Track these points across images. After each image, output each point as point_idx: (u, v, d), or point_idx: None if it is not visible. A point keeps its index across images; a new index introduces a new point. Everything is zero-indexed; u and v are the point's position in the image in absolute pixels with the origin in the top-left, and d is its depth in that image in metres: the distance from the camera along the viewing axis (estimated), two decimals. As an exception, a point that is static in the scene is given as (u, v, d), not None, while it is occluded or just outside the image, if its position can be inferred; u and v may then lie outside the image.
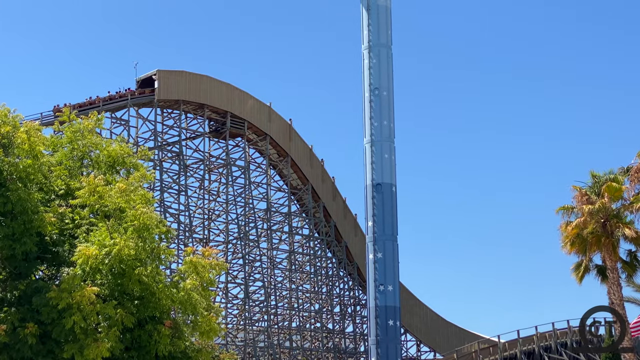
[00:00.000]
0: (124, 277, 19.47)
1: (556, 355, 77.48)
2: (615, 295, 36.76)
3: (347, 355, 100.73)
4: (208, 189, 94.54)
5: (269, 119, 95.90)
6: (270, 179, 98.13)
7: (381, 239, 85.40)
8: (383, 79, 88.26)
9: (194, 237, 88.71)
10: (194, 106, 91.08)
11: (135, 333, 19.84)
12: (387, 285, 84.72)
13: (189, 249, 21.26)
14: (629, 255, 37.51)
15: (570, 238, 36.40)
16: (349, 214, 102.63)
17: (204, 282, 20.55)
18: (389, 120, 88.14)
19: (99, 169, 21.90)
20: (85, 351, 18.92)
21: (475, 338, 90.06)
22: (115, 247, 18.97)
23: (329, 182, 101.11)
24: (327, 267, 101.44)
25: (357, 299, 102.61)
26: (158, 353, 19.80)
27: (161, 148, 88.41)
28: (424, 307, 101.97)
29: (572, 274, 37.84)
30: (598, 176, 37.56)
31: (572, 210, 37.33)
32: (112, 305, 19.16)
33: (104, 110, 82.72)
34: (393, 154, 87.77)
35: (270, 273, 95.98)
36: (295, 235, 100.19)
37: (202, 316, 20.48)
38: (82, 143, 22.01)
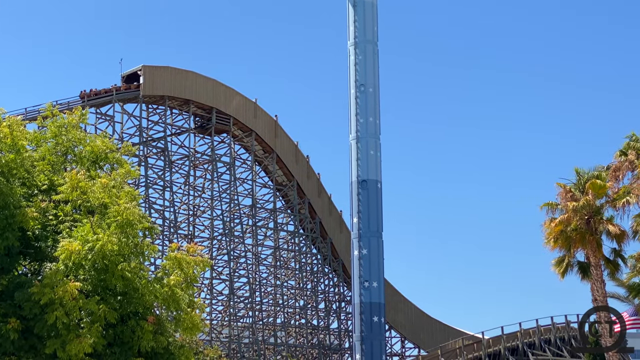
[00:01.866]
0: (106, 272, 19.38)
1: (540, 351, 77.82)
2: (599, 292, 36.90)
3: (332, 352, 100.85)
4: (193, 185, 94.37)
5: (255, 115, 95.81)
6: (256, 175, 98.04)
7: (366, 236, 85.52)
8: (369, 75, 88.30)
9: (179, 233, 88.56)
10: (180, 102, 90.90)
11: (118, 329, 19.74)
12: (372, 281, 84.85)
13: (173, 245, 21.16)
14: (612, 253, 37.65)
15: (554, 234, 36.49)
16: (334, 210, 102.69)
17: (187, 278, 20.46)
18: (375, 117, 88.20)
19: (82, 165, 21.77)
20: (67, 347, 18.81)
21: (459, 334, 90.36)
22: (98, 243, 18.87)
23: (315, 178, 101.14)
24: (312, 264, 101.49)
25: (342, 296, 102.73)
26: (141, 349, 19.70)
27: (146, 144, 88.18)
28: (408, 304, 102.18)
29: (553, 268, 37.90)
30: (582, 173, 37.65)
31: (556, 206, 37.42)
32: (94, 301, 19.05)
33: (89, 106, 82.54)
34: (379, 151, 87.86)
35: (255, 269, 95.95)
36: (281, 232, 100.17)
37: (186, 312, 20.40)
38: (66, 138, 21.89)
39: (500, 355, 76.37)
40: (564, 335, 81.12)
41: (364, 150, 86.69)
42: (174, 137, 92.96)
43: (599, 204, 36.62)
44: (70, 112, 22.79)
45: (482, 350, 75.61)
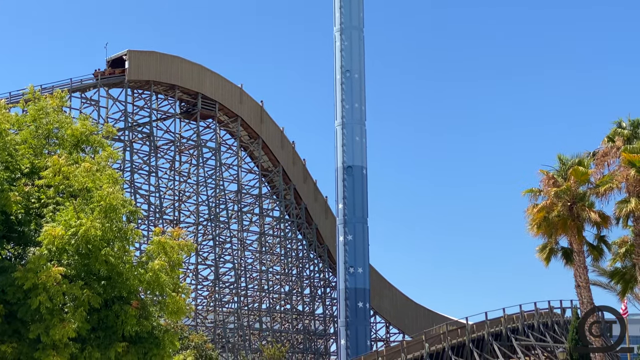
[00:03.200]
0: (90, 257, 19.33)
1: (523, 336, 78.21)
2: (582, 278, 37.15)
3: (317, 337, 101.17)
4: (179, 170, 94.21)
5: (240, 100, 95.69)
6: (241, 161, 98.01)
7: (351, 222, 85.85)
8: (354, 61, 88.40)
9: (164, 219, 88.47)
10: (165, 87, 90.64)
11: (102, 313, 19.72)
12: (357, 267, 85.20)
13: (157, 229, 21.14)
14: (596, 239, 37.87)
15: (537, 221, 36.65)
16: (320, 196, 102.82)
17: (171, 262, 20.46)
18: (360, 103, 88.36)
19: (64, 148, 21.68)
20: (51, 331, 18.79)
21: (443, 320, 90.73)
22: (81, 228, 18.83)
23: (300, 164, 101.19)
24: (298, 249, 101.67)
25: (327, 281, 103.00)
26: (125, 333, 19.68)
27: (131, 129, 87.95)
28: (393, 290, 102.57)
29: (537, 255, 38.12)
30: (565, 160, 37.78)
31: (539, 193, 37.57)
32: (78, 286, 19.01)
33: (74, 90, 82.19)
34: (364, 137, 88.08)
35: (241, 255, 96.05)
36: (266, 217, 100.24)
37: (170, 296, 20.40)
38: (46, 121, 21.79)
39: (484, 341, 76.71)
40: (547, 321, 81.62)
41: (350, 137, 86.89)
42: (160, 122, 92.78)
43: (582, 191, 36.77)
44: (50, 96, 22.68)
45: (466, 335, 75.89)
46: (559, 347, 72.98)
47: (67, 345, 18.89)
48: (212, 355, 44.89)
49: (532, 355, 78.84)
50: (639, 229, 35.89)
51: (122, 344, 19.37)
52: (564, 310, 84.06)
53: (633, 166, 34.42)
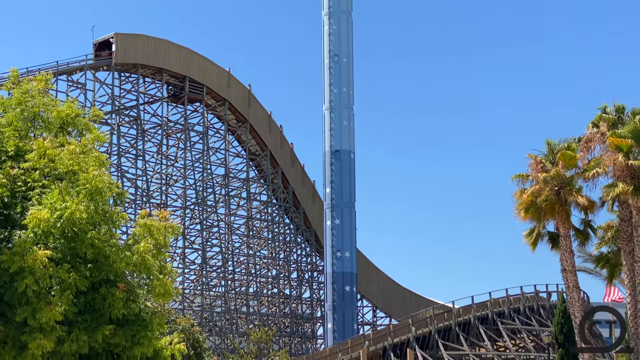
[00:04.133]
0: (76, 240, 19.27)
1: (509, 320, 78.62)
2: (568, 262, 37.32)
3: (304, 321, 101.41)
4: (166, 154, 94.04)
5: (228, 84, 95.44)
6: (229, 145, 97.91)
7: (339, 206, 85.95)
8: (343, 45, 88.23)
9: (151, 202, 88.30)
10: (152, 70, 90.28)
11: (89, 296, 19.68)
12: (344, 251, 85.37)
13: (143, 211, 21.08)
14: (582, 224, 38.03)
15: (524, 205, 36.77)
16: (307, 180, 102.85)
17: (158, 244, 20.42)
18: (349, 87, 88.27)
19: (50, 131, 21.57)
20: (38, 314, 18.75)
21: (430, 304, 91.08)
22: (67, 211, 18.75)
23: (288, 148, 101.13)
24: (285, 233, 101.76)
25: (314, 265, 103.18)
26: (112, 316, 19.67)
27: (119, 112, 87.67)
28: (380, 274, 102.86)
29: (524, 239, 38.26)
30: (553, 144, 37.87)
31: (527, 178, 37.67)
32: (65, 269, 18.96)
33: (60, 73, 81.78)
34: (352, 121, 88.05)
35: (228, 239, 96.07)
36: (253, 201, 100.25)
37: (157, 279, 20.38)
38: (32, 104, 21.66)
39: (470, 324, 77.07)
40: (532, 305, 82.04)
41: (338, 121, 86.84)
42: (147, 106, 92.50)
43: (569, 175, 36.88)
44: (35, 78, 22.55)
45: (453, 319, 76.23)
46: (544, 331, 73.38)
47: (54, 328, 18.86)
48: (200, 339, 44.88)
49: (518, 338, 79.33)
50: (624, 214, 36.07)
51: (109, 327, 19.35)
52: (550, 295, 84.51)
53: (620, 151, 34.54)
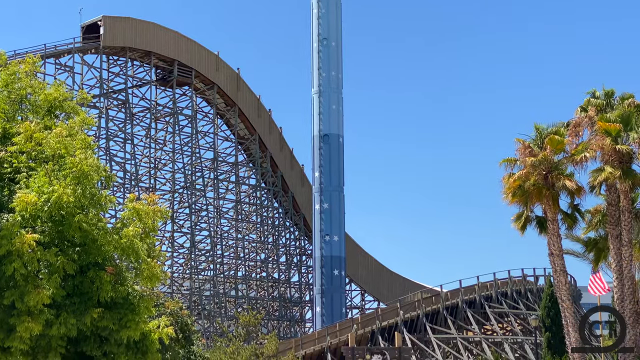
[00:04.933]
0: (63, 224, 19.23)
1: (496, 304, 79.02)
2: (555, 246, 37.45)
3: (293, 304, 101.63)
4: (154, 137, 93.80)
5: (217, 68, 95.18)
6: (218, 129, 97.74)
7: (328, 190, 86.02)
8: (332, 29, 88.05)
9: (140, 186, 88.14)
10: (141, 54, 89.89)
11: (77, 280, 19.65)
12: (333, 235, 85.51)
13: (132, 195, 21.02)
14: (570, 207, 38.14)
15: (512, 189, 36.83)
16: (296, 164, 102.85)
17: (146, 228, 20.39)
18: (337, 71, 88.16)
19: (38, 114, 21.46)
20: (25, 298, 18.73)
21: (418, 288, 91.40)
22: (54, 195, 18.69)
23: (276, 132, 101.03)
24: (274, 217, 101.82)
25: (303, 249, 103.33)
26: (100, 299, 19.65)
27: (107, 95, 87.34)
28: (369, 258, 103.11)
29: (512, 224, 38.37)
30: (542, 129, 37.90)
31: (515, 162, 37.73)
32: (53, 252, 18.91)
33: (48, 56, 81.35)
34: (341, 105, 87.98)
35: (217, 222, 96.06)
36: (242, 185, 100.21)
37: (145, 262, 20.35)
38: (19, 86, 21.53)
39: (458, 308, 77.43)
40: (520, 289, 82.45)
41: (326, 105, 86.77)
42: (135, 89, 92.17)
43: (557, 160, 36.96)
44: (22, 61, 22.41)
45: (441, 303, 76.58)
46: (531, 315, 73.92)
47: (42, 312, 18.85)
48: (188, 322, 44.88)
49: (506, 322, 79.79)
50: (612, 198, 36.20)
51: (97, 310, 19.34)
52: (537, 278, 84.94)
53: (609, 135, 34.63)
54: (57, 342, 19.91)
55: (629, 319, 35.31)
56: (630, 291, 35.65)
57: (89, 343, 20.44)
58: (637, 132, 34.62)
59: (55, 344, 19.97)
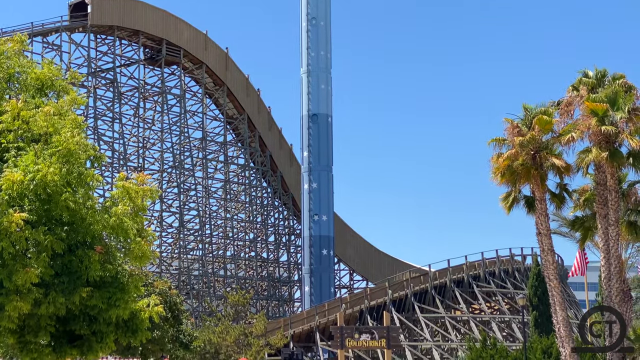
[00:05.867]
0: (51, 203, 19.14)
1: (484, 283, 79.46)
2: (543, 225, 37.53)
3: (281, 284, 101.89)
4: (143, 117, 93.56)
5: (205, 47, 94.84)
6: (206, 108, 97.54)
7: (316, 169, 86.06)
8: (320, 8, 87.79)
9: (128, 165, 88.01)
10: (129, 32, 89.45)
11: (65, 259, 19.55)
12: (322, 215, 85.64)
13: (122, 174, 20.95)
14: (558, 187, 38.21)
15: (500, 169, 36.81)
16: (285, 144, 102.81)
17: (136, 207, 20.32)
18: (326, 51, 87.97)
19: (27, 92, 21.31)
20: (14, 277, 18.65)
21: (406, 267, 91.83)
22: (39, 173, 18.58)
23: (265, 112, 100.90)
24: (262, 197, 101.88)
25: (292, 229, 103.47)
26: (89, 278, 19.58)
27: (95, 74, 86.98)
28: (357, 237, 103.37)
29: (500, 203, 38.41)
30: (530, 109, 37.86)
31: (503, 142, 37.70)
32: (41, 231, 18.83)
33: (35, 35, 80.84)
34: (329, 85, 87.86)
35: (205, 202, 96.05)
36: (231, 165, 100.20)
37: (134, 241, 20.30)
38: (7, 65, 21.37)
39: (446, 288, 77.86)
40: (508, 268, 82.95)
41: (315, 84, 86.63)
42: (123, 69, 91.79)
43: (545, 140, 36.96)
44: (11, 39, 22.23)
45: (429, 282, 76.96)
46: (519, 294, 74.37)
47: (30, 291, 18.78)
48: (177, 302, 45.00)
49: (493, 301, 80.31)
50: (599, 178, 36.28)
51: (86, 289, 19.30)
52: (525, 258, 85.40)
53: (595, 115, 34.65)
54: (46, 322, 19.90)
55: (615, 297, 35.54)
56: (616, 270, 35.83)
57: (78, 322, 20.44)
58: (623, 112, 34.64)
59: (44, 323, 19.96)
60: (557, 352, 41.58)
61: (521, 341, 61.15)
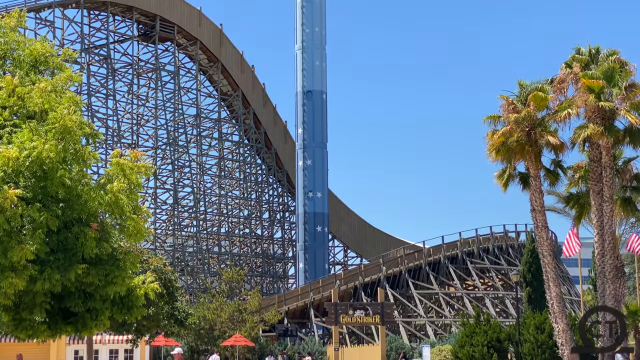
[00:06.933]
0: (46, 179, 19.05)
1: (478, 259, 79.73)
2: (537, 202, 37.58)
3: (276, 261, 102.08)
4: (137, 93, 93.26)
5: (199, 23, 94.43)
6: (200, 85, 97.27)
7: (311, 146, 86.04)
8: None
9: (122, 142, 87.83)
10: (122, 8, 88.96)
11: (61, 235, 19.49)
12: (316, 192, 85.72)
13: (116, 151, 20.86)
14: (552, 164, 38.23)
15: (495, 146, 36.80)
16: (279, 121, 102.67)
17: (131, 184, 20.24)
18: (321, 27, 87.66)
19: (22, 69, 21.13)
20: (9, 253, 18.58)
21: (401, 244, 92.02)
22: (35, 150, 18.49)
23: (260, 88, 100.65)
24: (257, 174, 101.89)
25: (286, 206, 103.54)
26: (85, 255, 19.54)
27: (88, 51, 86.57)
28: (351, 214, 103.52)
29: (495, 180, 38.44)
30: (525, 85, 37.80)
31: (498, 119, 37.66)
32: (36, 208, 18.75)
33: (28, 10, 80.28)
34: (324, 61, 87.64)
35: (200, 179, 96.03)
36: (225, 142, 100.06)
37: (130, 218, 20.24)
38: (3, 41, 21.19)
39: (440, 264, 78.11)
40: (501, 244, 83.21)
41: (310, 61, 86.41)
42: (117, 45, 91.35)
43: (540, 117, 36.93)
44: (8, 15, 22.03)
45: (423, 259, 77.22)
46: (512, 270, 74.63)
47: (26, 267, 18.73)
48: (172, 278, 45.04)
49: (487, 277, 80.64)
50: (594, 155, 36.29)
51: (82, 266, 19.25)
52: (519, 234, 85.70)
53: (592, 92, 34.61)
54: (41, 299, 19.87)
55: (609, 273, 35.67)
56: (610, 246, 35.94)
57: (73, 299, 20.41)
58: (620, 88, 34.62)
59: (40, 300, 19.92)
60: (550, 328, 41.78)
61: (514, 317, 61.46)
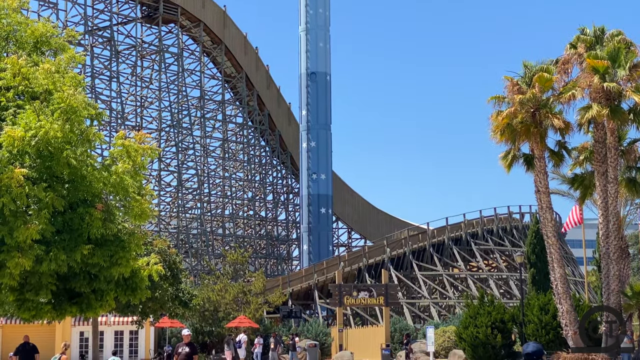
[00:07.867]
0: (52, 160, 19.05)
1: (482, 241, 79.78)
2: (542, 183, 37.55)
3: (280, 243, 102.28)
4: (140, 75, 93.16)
5: (203, 5, 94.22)
6: (204, 67, 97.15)
7: (315, 128, 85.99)
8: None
9: (126, 125, 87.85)
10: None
11: (66, 216, 19.51)
12: (320, 173, 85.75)
13: (121, 132, 20.85)
14: (557, 145, 38.17)
15: (500, 127, 36.75)
16: (283, 102, 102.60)
17: (135, 165, 20.24)
18: (325, 8, 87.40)
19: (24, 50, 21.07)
20: (15, 233, 18.61)
21: (405, 225, 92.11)
22: (41, 130, 18.49)
23: (263, 70, 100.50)
24: (261, 156, 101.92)
25: (290, 187, 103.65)
26: (90, 236, 19.57)
27: (92, 33, 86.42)
28: (355, 196, 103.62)
29: (500, 161, 38.41)
30: (530, 66, 37.69)
31: (503, 100, 37.58)
32: (42, 188, 18.76)
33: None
34: (328, 43, 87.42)
35: (204, 161, 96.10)
36: (229, 124, 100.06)
37: (134, 199, 20.25)
38: (6, 22, 21.12)
39: (444, 245, 78.19)
40: (506, 226, 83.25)
41: (314, 42, 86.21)
42: (121, 27, 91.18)
43: (545, 98, 36.84)
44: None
45: (427, 240, 77.27)
46: (516, 251, 74.75)
47: (31, 247, 18.78)
48: (176, 260, 45.15)
49: (491, 259, 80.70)
50: (599, 135, 36.25)
51: (87, 247, 19.29)
52: (523, 216, 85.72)
53: (597, 72, 34.50)
54: (47, 279, 19.91)
55: (613, 254, 35.70)
56: (615, 227, 35.95)
57: (79, 280, 20.47)
58: (624, 69, 34.51)
59: (46, 281, 19.97)
60: (555, 309, 41.83)
61: (519, 298, 61.55)
